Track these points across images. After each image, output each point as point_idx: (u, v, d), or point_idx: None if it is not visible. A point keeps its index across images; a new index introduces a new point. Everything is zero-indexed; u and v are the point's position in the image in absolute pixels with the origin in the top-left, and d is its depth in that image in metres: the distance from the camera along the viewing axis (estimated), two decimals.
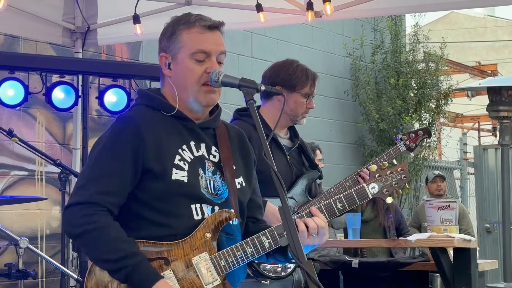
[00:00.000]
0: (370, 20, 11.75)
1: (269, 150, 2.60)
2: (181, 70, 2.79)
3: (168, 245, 2.68)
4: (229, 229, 2.78)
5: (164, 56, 2.84)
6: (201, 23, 2.80)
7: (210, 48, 2.78)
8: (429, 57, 12.14)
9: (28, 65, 5.77)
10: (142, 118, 2.76)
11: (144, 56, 8.19)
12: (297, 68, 4.07)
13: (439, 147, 13.90)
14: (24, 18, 5.96)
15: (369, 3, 5.56)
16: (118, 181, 2.68)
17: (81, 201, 2.66)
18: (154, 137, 2.72)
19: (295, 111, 4.05)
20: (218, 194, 2.80)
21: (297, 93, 4.03)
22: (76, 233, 2.67)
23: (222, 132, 2.90)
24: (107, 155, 2.72)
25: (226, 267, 2.70)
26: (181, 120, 2.81)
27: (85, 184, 2.70)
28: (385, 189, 2.98)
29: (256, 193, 2.99)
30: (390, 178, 3.00)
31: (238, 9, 5.81)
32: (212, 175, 2.81)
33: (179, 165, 2.73)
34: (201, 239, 2.70)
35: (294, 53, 10.34)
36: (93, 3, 6.34)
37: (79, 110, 6.17)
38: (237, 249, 2.72)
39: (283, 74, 4.04)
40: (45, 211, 7.08)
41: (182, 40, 2.79)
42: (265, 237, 2.74)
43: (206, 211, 2.75)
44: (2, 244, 5.92)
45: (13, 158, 6.96)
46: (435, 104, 12.09)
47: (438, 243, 5.40)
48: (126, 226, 2.69)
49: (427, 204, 5.87)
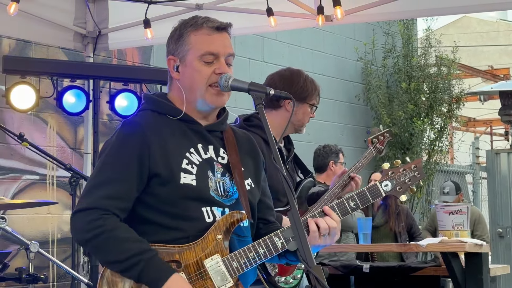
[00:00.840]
0: (381, 24, 11.72)
1: (278, 155, 2.60)
2: (189, 72, 2.79)
3: (180, 247, 2.68)
4: (240, 230, 2.78)
5: (172, 59, 2.84)
6: (208, 25, 2.80)
7: (218, 50, 2.78)
8: (441, 61, 12.10)
9: (40, 70, 5.79)
10: (148, 123, 2.76)
11: (155, 60, 8.20)
12: (307, 80, 4.12)
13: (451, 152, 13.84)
14: (36, 22, 5.99)
15: (380, 7, 5.55)
16: (124, 186, 2.68)
17: (87, 207, 2.66)
18: (161, 142, 2.72)
19: (302, 121, 4.11)
20: (228, 195, 2.80)
21: (306, 103, 4.08)
22: (85, 239, 2.67)
23: (229, 136, 2.90)
24: (113, 161, 2.72)
25: (239, 268, 2.70)
26: (188, 123, 2.81)
27: (91, 189, 2.70)
28: (398, 186, 2.95)
29: (265, 194, 2.98)
30: (404, 176, 2.97)
31: (249, 13, 5.81)
32: (222, 176, 2.80)
33: (187, 169, 2.72)
34: (213, 241, 2.70)
35: (306, 58, 10.35)
36: (104, 8, 6.36)
37: (90, 114, 6.18)
38: (249, 250, 2.71)
39: (296, 87, 4.06)
40: (56, 216, 7.09)
41: (190, 42, 2.79)
42: (278, 238, 2.73)
43: (217, 213, 2.75)
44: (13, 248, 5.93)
45: (24, 162, 6.97)
46: (447, 108, 12.05)
47: (449, 247, 5.38)
48: (137, 231, 2.68)
49: (439, 209, 5.85)
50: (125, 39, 6.45)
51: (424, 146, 11.80)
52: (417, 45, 12.63)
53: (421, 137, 11.57)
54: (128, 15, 6.23)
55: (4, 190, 6.68)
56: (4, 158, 6.82)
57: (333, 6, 5.41)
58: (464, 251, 5.42)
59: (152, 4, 5.85)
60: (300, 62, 10.32)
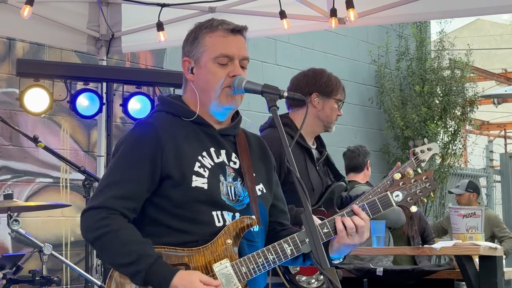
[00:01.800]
0: (395, 26, 11.70)
1: (291, 157, 2.59)
2: (204, 74, 2.78)
3: (189, 251, 2.68)
4: (250, 236, 2.77)
5: (187, 61, 2.84)
6: (224, 27, 2.80)
7: (233, 52, 2.77)
8: (454, 64, 12.07)
9: (53, 73, 5.81)
10: (162, 124, 2.76)
11: (168, 63, 8.21)
12: (330, 76, 4.15)
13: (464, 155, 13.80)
14: (49, 26, 6.00)
15: (393, 9, 5.53)
16: (135, 187, 2.68)
17: (96, 206, 2.67)
18: (174, 144, 2.72)
19: (330, 117, 4.11)
20: (239, 200, 2.79)
21: (332, 99, 4.10)
22: (92, 238, 2.68)
23: (241, 140, 2.89)
24: (125, 161, 2.73)
25: (248, 273, 2.69)
26: (201, 126, 2.81)
27: (103, 189, 2.71)
28: (409, 197, 2.95)
29: (278, 198, 2.97)
30: (415, 186, 2.97)
31: (262, 16, 5.80)
32: (233, 181, 2.80)
33: (199, 172, 2.72)
34: (222, 246, 2.69)
35: (319, 60, 10.33)
36: (117, 11, 6.37)
37: (103, 117, 6.19)
38: (259, 256, 2.70)
39: (320, 81, 4.11)
40: (69, 218, 7.10)
41: (205, 44, 2.79)
42: (287, 244, 2.72)
43: (227, 217, 2.74)
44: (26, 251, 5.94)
45: (38, 165, 7.00)
46: (461, 111, 12.01)
47: (463, 251, 5.35)
48: (146, 232, 2.69)
49: (453, 212, 5.82)
50: (138, 42, 6.46)
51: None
52: (430, 48, 12.60)
53: (435, 140, 11.53)
54: (141, 18, 6.23)
55: (18, 193, 6.69)
56: (18, 161, 6.84)
57: (346, 9, 5.40)
58: (478, 254, 5.39)
59: (165, 7, 5.85)
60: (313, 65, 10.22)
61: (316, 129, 4.13)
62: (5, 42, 6.82)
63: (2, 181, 6.73)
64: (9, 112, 6.72)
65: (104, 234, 2.63)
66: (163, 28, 5.88)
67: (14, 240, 6.62)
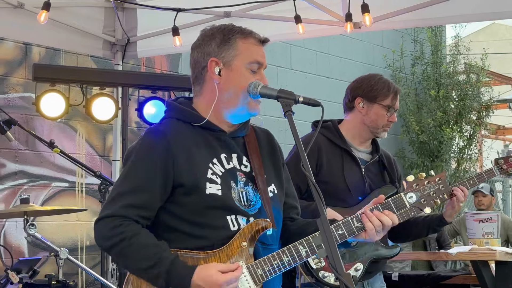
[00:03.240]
0: (410, 31, 11.68)
1: (307, 161, 2.57)
2: (235, 77, 2.78)
3: (205, 254, 2.69)
4: (265, 238, 2.78)
5: (214, 61, 2.81)
6: (255, 36, 2.84)
7: (263, 60, 2.82)
8: (470, 69, 12.03)
9: (69, 78, 5.83)
10: (172, 132, 2.77)
11: (183, 68, 8.23)
12: (379, 80, 4.09)
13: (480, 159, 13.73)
14: (65, 31, 6.03)
15: (409, 14, 5.52)
16: (148, 195, 2.69)
17: (109, 215, 2.68)
18: (185, 152, 2.72)
19: (375, 123, 4.06)
20: (250, 205, 2.80)
21: (378, 104, 4.04)
22: (107, 246, 2.69)
23: (251, 140, 2.90)
24: (136, 170, 2.73)
25: (263, 275, 2.70)
26: (211, 131, 2.81)
27: (115, 197, 2.72)
28: (423, 198, 2.95)
29: (289, 195, 2.99)
30: (428, 188, 2.96)
31: (277, 21, 5.80)
32: (244, 186, 2.81)
33: (212, 179, 2.73)
34: (238, 248, 2.70)
35: (334, 65, 10.33)
36: (133, 16, 6.39)
37: (118, 122, 6.20)
38: (274, 258, 2.72)
39: (365, 86, 4.07)
40: (85, 223, 7.13)
41: (238, 48, 2.79)
42: (302, 246, 2.74)
43: (242, 222, 2.75)
44: (42, 255, 5.97)
45: (54, 170, 7.03)
46: (476, 115, 11.98)
47: (479, 256, 5.33)
48: (162, 239, 2.69)
49: (468, 217, 5.81)
50: (154, 47, 6.47)
51: (453, 153, 11.73)
52: (446, 52, 12.57)
53: (450, 144, 11.50)
54: (156, 23, 6.25)
55: (34, 197, 6.73)
56: (34, 165, 6.88)
57: (362, 13, 5.39)
58: (494, 260, 5.37)
59: (181, 12, 5.87)
60: (328, 69, 10.31)
61: (363, 134, 4.10)
62: (21, 47, 6.86)
63: (18, 186, 6.76)
64: (25, 116, 6.75)
65: (120, 241, 2.64)
66: (179, 33, 5.90)
67: (30, 244, 6.65)
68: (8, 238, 6.64)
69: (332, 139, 4.05)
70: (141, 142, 2.78)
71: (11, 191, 6.71)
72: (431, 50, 11.91)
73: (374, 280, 4.08)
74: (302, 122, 6.21)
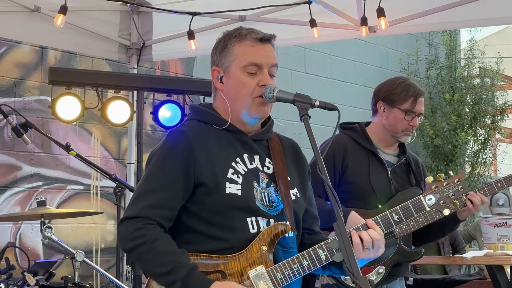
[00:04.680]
0: (425, 35, 11.66)
1: (323, 165, 2.57)
2: (233, 83, 2.79)
3: (224, 258, 2.69)
4: (285, 242, 2.78)
5: (216, 70, 2.85)
6: (252, 36, 2.81)
7: (261, 60, 2.78)
8: (484, 72, 11.99)
9: (84, 81, 5.85)
10: (194, 132, 2.78)
11: (198, 71, 8.25)
12: (400, 84, 4.07)
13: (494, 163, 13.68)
14: (81, 34, 6.06)
15: (424, 18, 5.51)
16: (169, 195, 2.70)
17: (132, 216, 2.69)
18: (207, 151, 2.73)
19: (394, 126, 4.05)
20: (273, 206, 2.79)
21: (397, 108, 4.02)
22: (129, 248, 2.71)
23: (275, 144, 2.90)
24: (159, 170, 2.74)
25: (283, 279, 2.70)
26: (233, 133, 2.82)
27: (138, 198, 2.73)
28: (442, 200, 2.95)
29: (311, 204, 2.98)
30: (447, 190, 2.96)
31: (292, 25, 5.81)
32: (267, 187, 2.80)
33: (233, 179, 2.73)
34: (257, 252, 2.70)
35: (348, 69, 10.32)
36: (148, 19, 6.42)
37: (134, 125, 6.23)
38: (293, 262, 2.72)
39: (385, 89, 4.08)
40: (100, 225, 7.15)
41: (234, 53, 2.80)
42: (321, 250, 2.74)
43: (262, 224, 2.75)
44: (58, 257, 5.99)
45: (69, 172, 7.06)
46: (491, 119, 11.93)
47: (494, 260, 5.32)
48: (181, 240, 2.70)
49: (483, 221, 5.79)
50: (169, 51, 6.49)
51: (467, 157, 11.69)
52: (460, 56, 12.54)
53: (465, 148, 11.46)
54: (172, 27, 6.27)
55: (49, 200, 6.75)
56: (50, 168, 6.91)
57: (377, 17, 5.39)
58: (510, 264, 5.35)
59: (196, 16, 5.89)
60: (342, 73, 10.30)
61: (385, 137, 4.10)
62: (37, 51, 6.90)
63: (34, 188, 6.80)
64: (41, 119, 6.79)
65: (140, 244, 2.65)
66: (194, 37, 5.92)
67: (45, 246, 6.68)
68: (24, 241, 6.67)
69: (359, 141, 4.05)
70: (164, 143, 2.80)
71: (26, 194, 6.75)
72: (445, 54, 11.89)
73: (393, 285, 4.07)
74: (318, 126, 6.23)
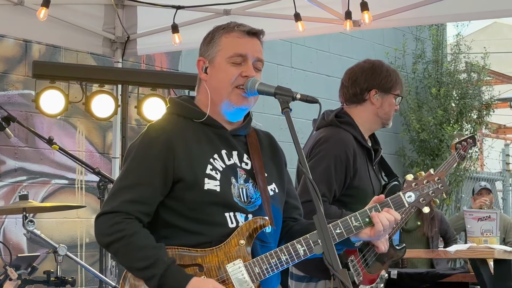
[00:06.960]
0: (411, 29, 11.68)
1: (304, 159, 2.58)
2: (217, 73, 2.81)
3: (202, 251, 2.69)
4: (263, 236, 2.78)
5: (201, 60, 2.86)
6: (240, 28, 2.83)
7: (246, 51, 2.79)
8: (471, 67, 12.03)
9: (69, 75, 5.83)
10: (173, 127, 2.78)
11: (183, 65, 8.23)
12: (389, 69, 3.99)
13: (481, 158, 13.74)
14: (65, 28, 6.03)
15: (408, 12, 5.51)
16: (148, 190, 2.70)
17: (110, 210, 2.69)
18: (185, 147, 2.73)
19: (389, 113, 3.97)
20: (251, 202, 2.80)
21: (391, 94, 3.95)
22: (106, 242, 2.70)
23: (253, 140, 2.90)
24: (138, 165, 2.74)
25: (261, 274, 2.70)
26: (212, 128, 2.82)
27: (116, 193, 2.73)
28: (421, 198, 2.95)
29: (291, 195, 2.98)
30: (427, 187, 2.96)
31: (277, 19, 5.81)
32: (245, 183, 2.81)
33: (211, 175, 2.73)
34: (236, 246, 2.70)
35: (334, 63, 10.33)
36: (133, 13, 6.40)
37: (118, 119, 6.21)
38: (272, 257, 2.72)
39: (379, 77, 3.93)
40: (84, 220, 7.14)
41: (220, 44, 2.81)
42: (300, 245, 2.74)
43: (240, 219, 2.75)
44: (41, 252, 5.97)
45: (54, 167, 7.03)
46: (477, 114, 11.98)
47: (478, 254, 5.34)
48: (159, 235, 2.70)
49: (467, 215, 5.81)
50: (154, 44, 6.48)
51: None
52: (447, 51, 12.57)
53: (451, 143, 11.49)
54: (156, 21, 6.25)
55: (33, 194, 6.74)
56: (34, 162, 6.88)
57: (361, 11, 5.39)
58: (493, 258, 5.37)
59: (180, 10, 5.87)
60: (328, 68, 10.31)
61: (374, 127, 3.99)
62: (21, 44, 6.86)
63: (18, 183, 6.77)
64: (25, 113, 6.76)
65: (119, 239, 2.65)
66: (178, 30, 5.90)
67: (29, 241, 6.65)
68: (8, 235, 6.65)
69: (359, 139, 3.90)
70: (141, 138, 2.80)
71: (10, 188, 6.72)
72: (432, 48, 11.91)
73: None
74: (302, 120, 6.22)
